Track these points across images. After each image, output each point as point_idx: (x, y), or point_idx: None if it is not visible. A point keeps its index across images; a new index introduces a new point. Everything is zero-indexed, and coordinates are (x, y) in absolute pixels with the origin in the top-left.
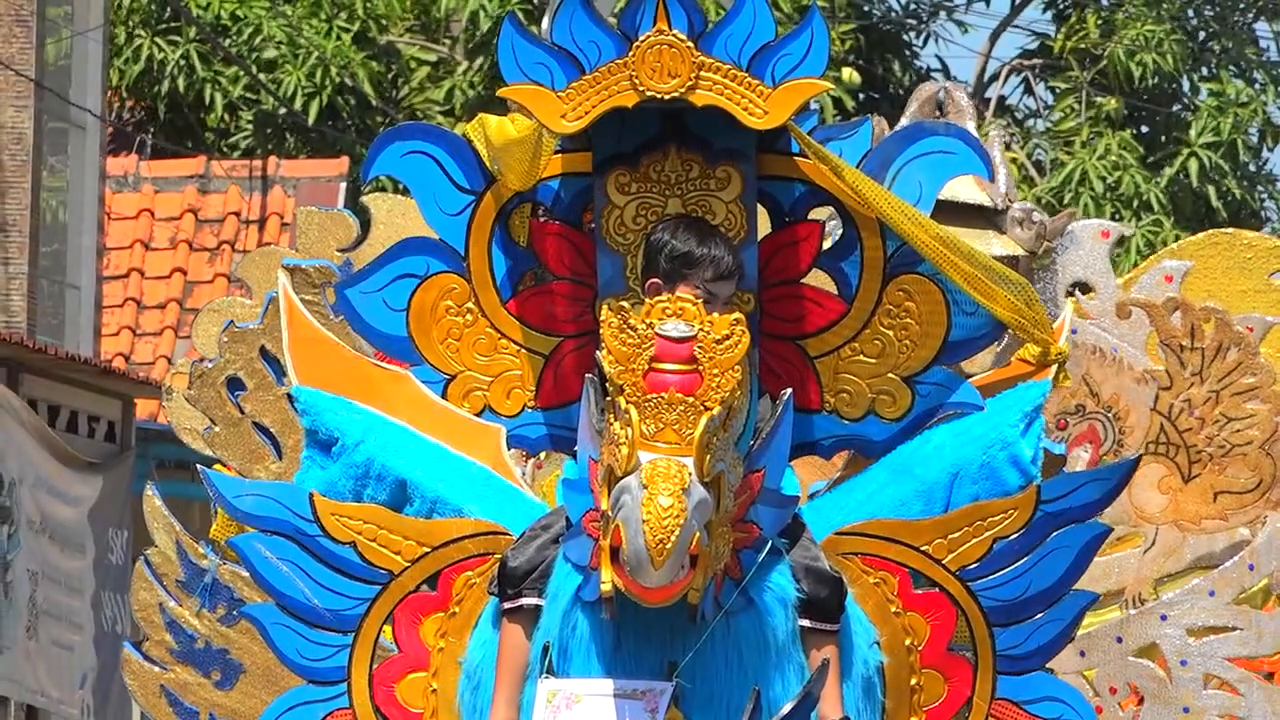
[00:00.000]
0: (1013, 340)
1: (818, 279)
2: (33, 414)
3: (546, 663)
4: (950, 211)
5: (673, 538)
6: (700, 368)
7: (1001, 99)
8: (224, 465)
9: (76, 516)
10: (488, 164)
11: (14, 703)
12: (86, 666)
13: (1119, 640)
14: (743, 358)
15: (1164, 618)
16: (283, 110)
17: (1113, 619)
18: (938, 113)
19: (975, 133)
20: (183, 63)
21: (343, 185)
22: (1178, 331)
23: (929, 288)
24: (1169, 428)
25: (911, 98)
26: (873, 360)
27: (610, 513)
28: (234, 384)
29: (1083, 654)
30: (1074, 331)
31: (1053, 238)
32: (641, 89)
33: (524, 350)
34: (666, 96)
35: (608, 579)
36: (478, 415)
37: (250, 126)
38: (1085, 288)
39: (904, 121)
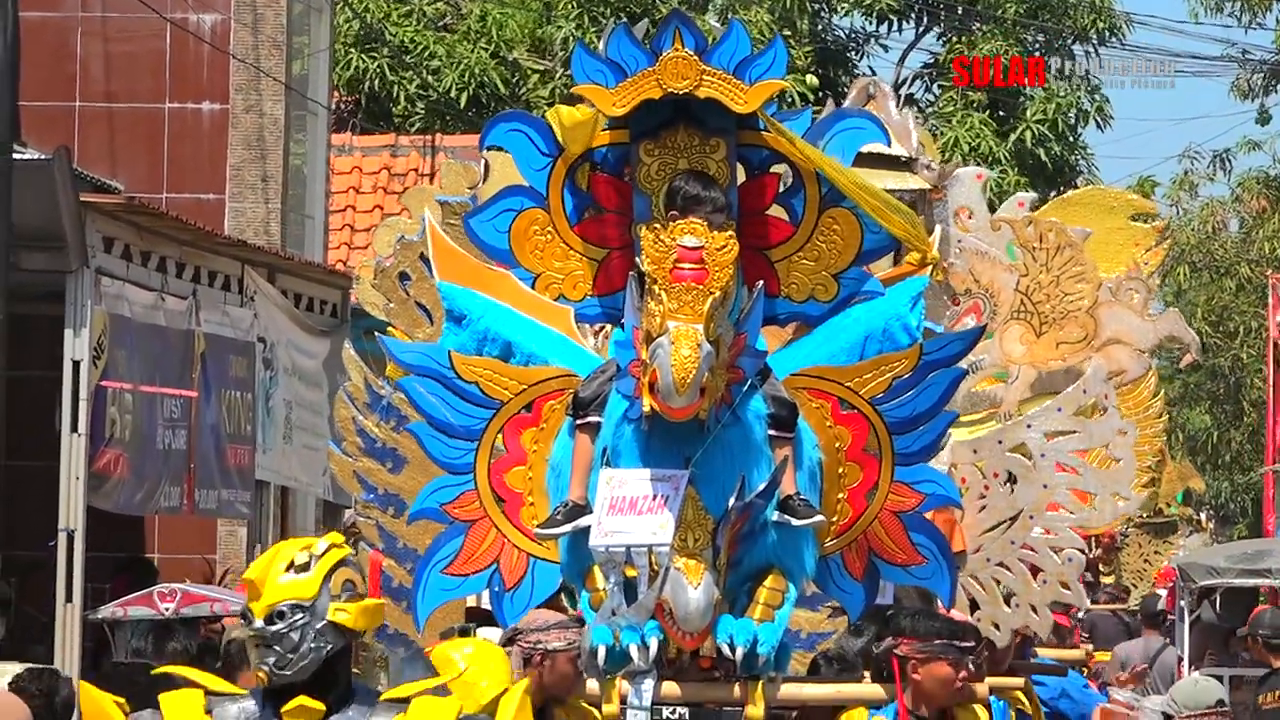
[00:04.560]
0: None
1: (776, 211)
2: (284, 299)
3: (605, 458)
4: (885, 161)
5: (691, 376)
6: (707, 265)
7: (910, 94)
8: (396, 330)
9: (314, 365)
10: (559, 137)
11: (273, 485)
12: (326, 462)
13: (999, 442)
14: (734, 260)
15: (1029, 426)
16: (443, 102)
17: (994, 428)
18: (869, 97)
19: (895, 109)
20: (378, 70)
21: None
22: (1031, 238)
23: (849, 216)
24: (1026, 301)
25: (851, 86)
26: (812, 263)
27: (648, 360)
28: (403, 276)
29: (975, 451)
30: (960, 241)
31: (944, 178)
32: (664, 87)
33: (584, 258)
34: (681, 92)
35: (647, 403)
36: (555, 300)
37: (422, 112)
38: (967, 211)
39: (847, 102)
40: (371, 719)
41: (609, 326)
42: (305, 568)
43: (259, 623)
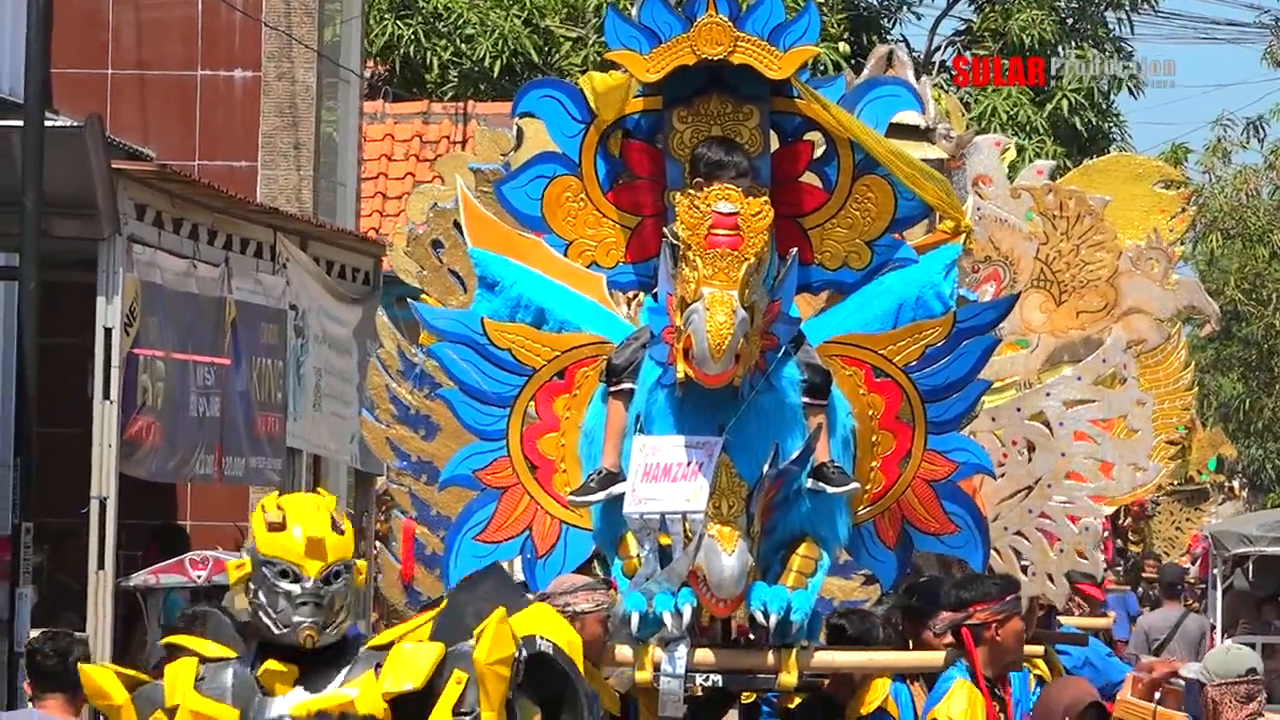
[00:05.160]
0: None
1: (809, 178)
2: (316, 266)
3: (638, 425)
4: (904, 131)
5: (726, 342)
6: (741, 232)
7: (943, 62)
8: (429, 297)
9: (345, 333)
10: (592, 104)
11: (304, 453)
12: (354, 430)
13: (1018, 410)
14: (769, 226)
15: (1048, 394)
16: (477, 69)
17: (1013, 396)
18: (888, 64)
19: (912, 77)
20: (412, 37)
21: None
22: (1051, 206)
23: (882, 183)
24: (1045, 269)
25: (870, 55)
26: (845, 230)
27: (683, 326)
28: (436, 244)
29: (994, 419)
30: (979, 209)
31: (963, 146)
32: (698, 53)
33: (617, 225)
34: (715, 58)
35: (681, 369)
36: (587, 268)
37: (455, 80)
38: (985, 179)
39: (866, 71)
40: (350, 671)
41: (642, 294)
42: (336, 525)
43: (312, 581)
